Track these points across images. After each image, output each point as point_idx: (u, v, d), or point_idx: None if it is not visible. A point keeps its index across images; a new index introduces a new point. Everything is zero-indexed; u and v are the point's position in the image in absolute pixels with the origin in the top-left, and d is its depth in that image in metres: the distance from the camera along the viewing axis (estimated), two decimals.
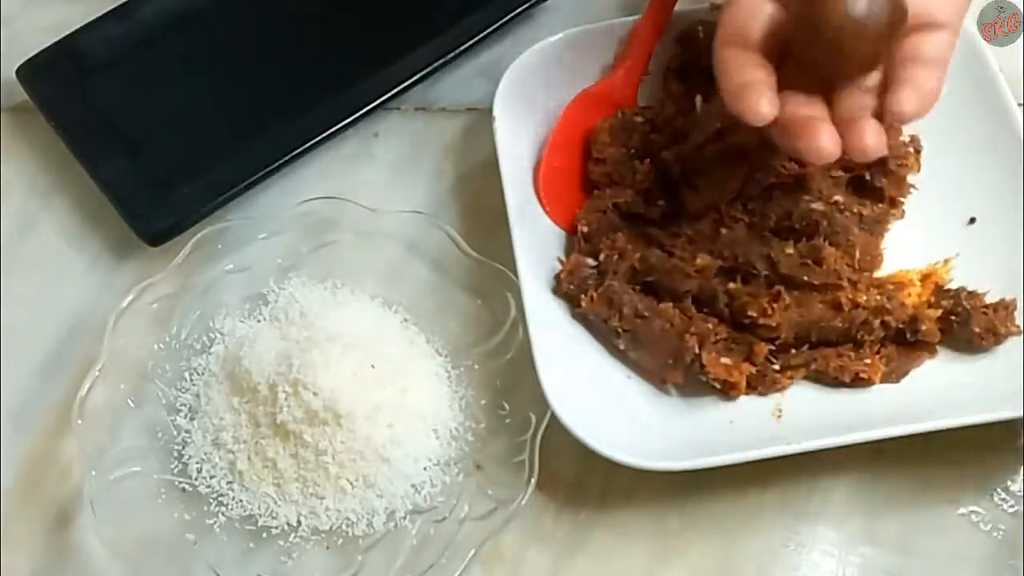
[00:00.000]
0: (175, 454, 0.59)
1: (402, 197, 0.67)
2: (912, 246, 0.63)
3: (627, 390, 0.60)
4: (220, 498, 0.58)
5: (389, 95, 0.68)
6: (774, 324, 0.59)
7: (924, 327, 0.59)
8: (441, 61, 0.68)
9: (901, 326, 0.59)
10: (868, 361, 0.59)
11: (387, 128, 0.70)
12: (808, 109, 0.53)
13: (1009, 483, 0.59)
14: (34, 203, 0.69)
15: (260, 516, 0.57)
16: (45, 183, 0.69)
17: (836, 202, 0.62)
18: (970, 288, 0.61)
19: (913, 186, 0.64)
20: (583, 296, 0.60)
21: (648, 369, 0.60)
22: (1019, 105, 0.64)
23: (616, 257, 0.61)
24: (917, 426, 0.56)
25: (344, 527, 0.57)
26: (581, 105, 0.66)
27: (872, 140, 0.52)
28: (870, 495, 0.59)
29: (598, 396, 0.59)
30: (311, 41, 0.71)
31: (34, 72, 0.69)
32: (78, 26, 0.70)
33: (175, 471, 0.59)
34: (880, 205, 0.63)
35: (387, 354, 0.59)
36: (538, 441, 0.57)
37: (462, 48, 0.69)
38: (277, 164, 0.66)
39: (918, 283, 0.62)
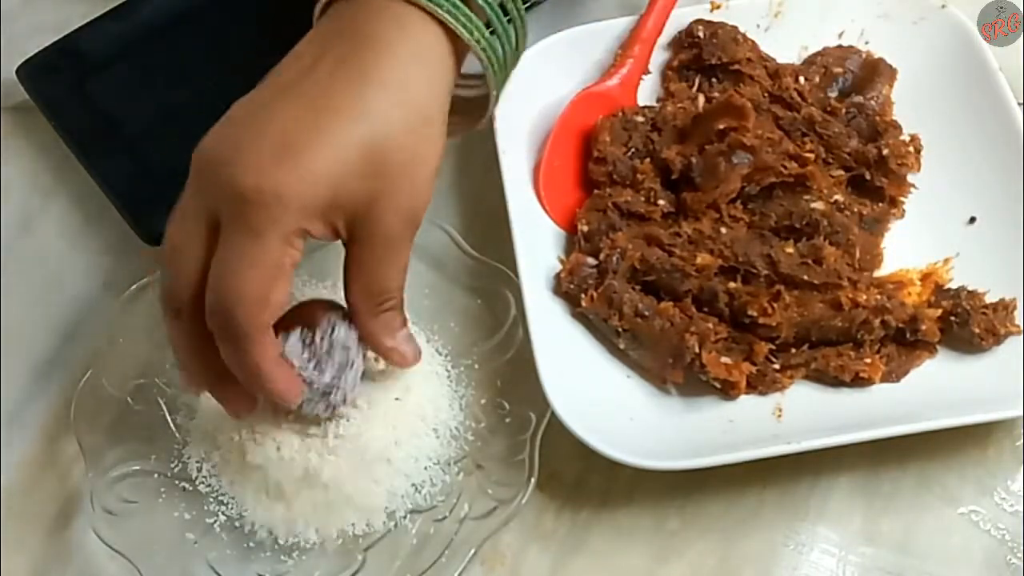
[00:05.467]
0: (175, 453, 0.59)
1: None
2: (912, 245, 0.63)
3: (627, 389, 0.60)
4: (220, 497, 0.58)
5: None
6: (774, 323, 0.59)
7: (924, 327, 0.59)
8: None
9: (901, 325, 0.59)
10: (868, 360, 0.59)
11: None
12: None
13: (1009, 482, 0.59)
14: (34, 202, 0.69)
15: None
16: (45, 182, 0.69)
17: (836, 201, 0.62)
18: (970, 288, 0.60)
19: (913, 185, 0.64)
20: (583, 295, 0.60)
21: (648, 368, 0.60)
22: (1019, 104, 0.64)
23: (616, 256, 0.61)
24: (917, 425, 0.56)
25: (344, 526, 0.57)
26: (581, 104, 0.66)
27: None
28: (870, 494, 0.59)
29: (598, 395, 0.59)
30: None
31: (34, 71, 0.69)
32: (78, 25, 0.70)
33: (175, 470, 0.59)
34: (880, 204, 0.64)
35: None
36: (538, 440, 0.57)
37: None
38: None
39: (918, 283, 0.62)
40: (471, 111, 0.59)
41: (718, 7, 0.68)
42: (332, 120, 0.48)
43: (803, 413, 0.59)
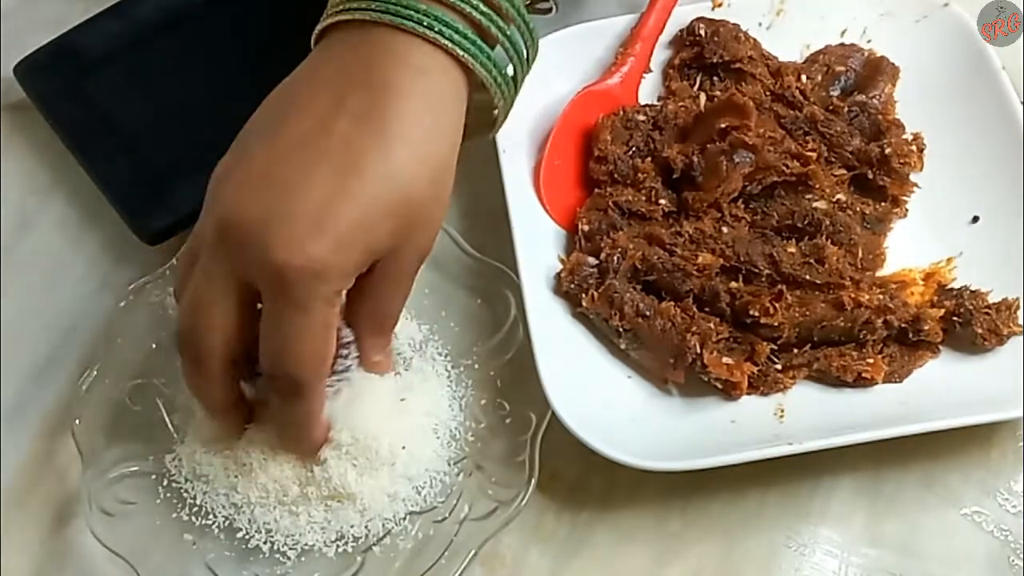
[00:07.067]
0: (173, 454, 0.59)
1: None
2: (915, 245, 0.63)
3: (628, 390, 0.60)
4: (218, 498, 0.57)
5: None
6: (776, 323, 0.58)
7: (927, 327, 0.59)
8: None
9: (904, 326, 0.59)
10: (871, 361, 0.59)
11: None
12: None
13: (1012, 483, 0.59)
14: (32, 201, 0.69)
15: None
16: (43, 181, 0.69)
17: (838, 201, 0.62)
18: (973, 287, 0.60)
19: (916, 184, 0.64)
20: (584, 295, 0.60)
21: (649, 368, 0.60)
22: (1022, 103, 0.64)
23: (617, 256, 0.61)
24: (920, 426, 0.56)
25: (343, 528, 0.57)
26: (582, 103, 0.66)
27: None
28: (873, 495, 0.59)
29: (599, 396, 0.59)
30: (310, 39, 0.71)
31: (32, 69, 0.69)
32: (76, 23, 0.70)
33: (173, 471, 0.58)
34: (883, 204, 0.63)
35: None
36: (539, 441, 0.57)
37: None
38: None
39: (921, 282, 0.62)
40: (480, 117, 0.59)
41: (720, 5, 0.68)
42: (360, 184, 0.49)
43: (805, 414, 0.58)
